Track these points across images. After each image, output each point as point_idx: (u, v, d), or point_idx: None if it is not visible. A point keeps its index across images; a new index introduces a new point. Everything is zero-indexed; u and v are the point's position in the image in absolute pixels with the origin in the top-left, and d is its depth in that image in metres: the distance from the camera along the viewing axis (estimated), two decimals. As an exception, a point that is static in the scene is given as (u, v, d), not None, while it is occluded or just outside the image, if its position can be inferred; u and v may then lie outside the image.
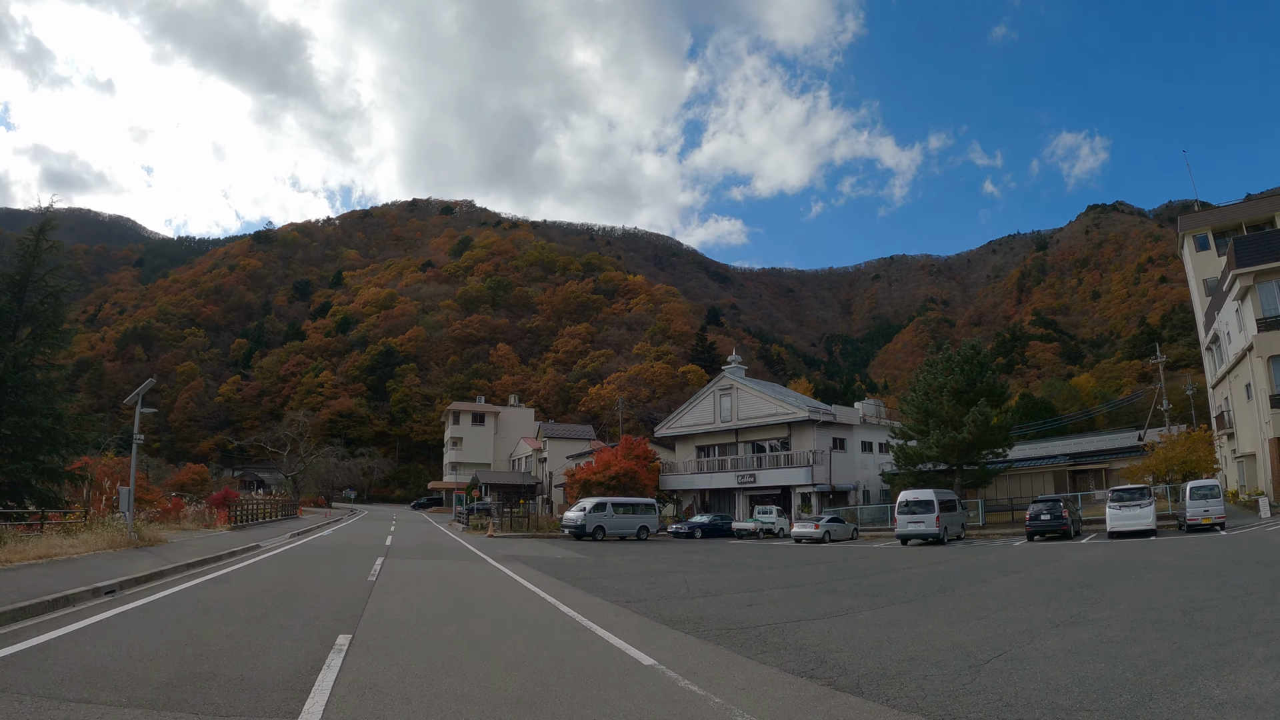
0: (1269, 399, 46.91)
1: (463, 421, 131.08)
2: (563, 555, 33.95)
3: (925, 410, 55.14)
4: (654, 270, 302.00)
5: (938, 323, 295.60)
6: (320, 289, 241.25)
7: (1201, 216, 73.06)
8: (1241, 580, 18.10)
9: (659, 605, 16.59)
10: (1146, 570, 21.61)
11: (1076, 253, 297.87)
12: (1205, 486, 38.49)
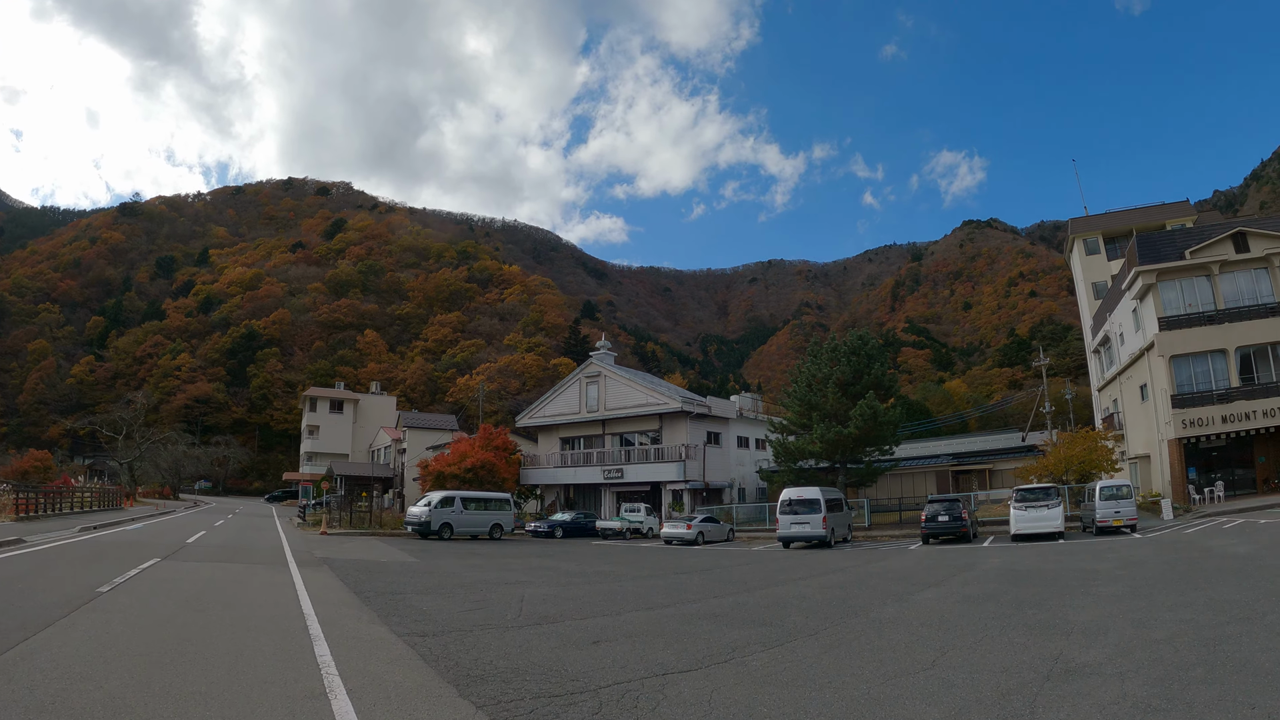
0: (1169, 399, 44.87)
1: (320, 409, 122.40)
2: (389, 558, 28.47)
3: (808, 403, 51.15)
4: (532, 264, 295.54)
5: (812, 327, 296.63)
6: (185, 267, 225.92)
7: (1092, 221, 71.86)
8: (1225, 594, 14.54)
9: (467, 642, 11.46)
10: (1090, 581, 17.94)
11: (950, 265, 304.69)
12: (1116, 486, 35.36)
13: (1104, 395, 63.41)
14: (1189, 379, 45.82)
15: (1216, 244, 47.10)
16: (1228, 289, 46.69)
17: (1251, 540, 24.92)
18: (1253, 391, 44.93)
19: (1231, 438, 46.69)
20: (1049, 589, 17.05)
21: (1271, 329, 45.51)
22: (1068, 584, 17.78)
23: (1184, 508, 41.92)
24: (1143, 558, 22.68)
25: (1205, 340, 45.69)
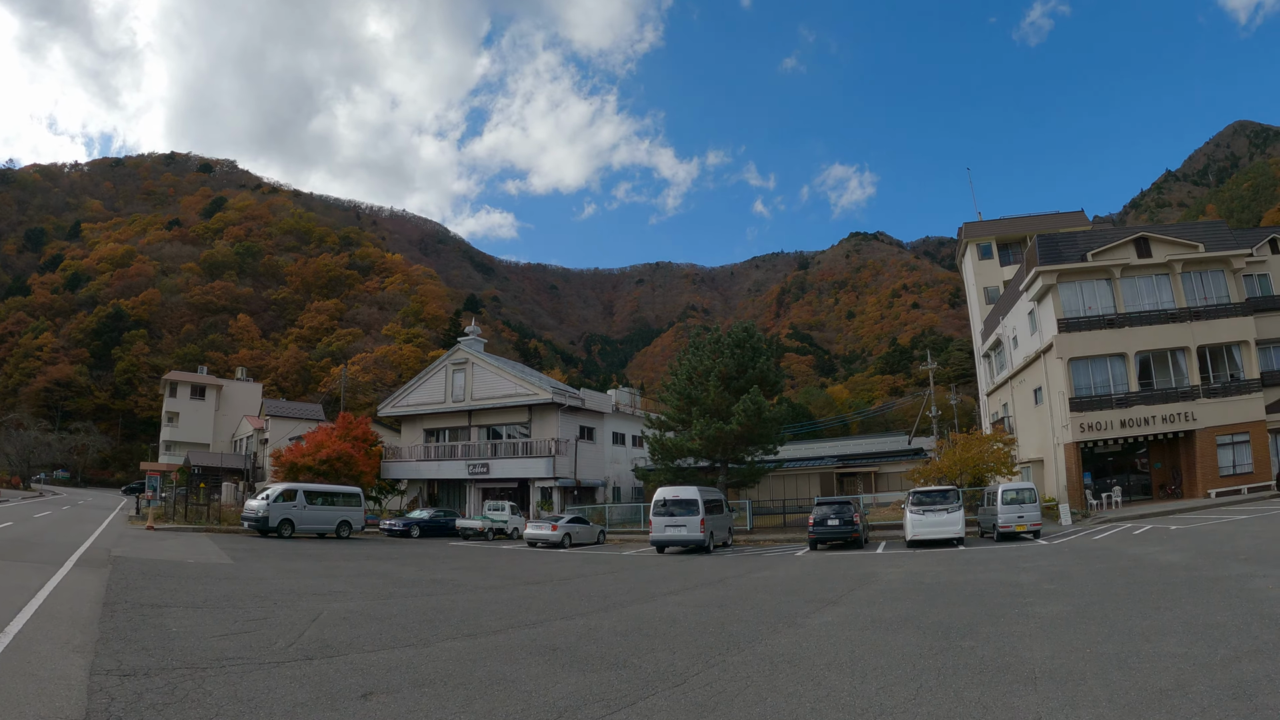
0: (1068, 402, 43.02)
1: (181, 395, 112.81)
2: (199, 559, 24.02)
3: (688, 397, 47.35)
4: (418, 255, 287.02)
5: (698, 330, 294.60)
6: (55, 240, 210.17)
7: (987, 226, 70.54)
8: (1201, 615, 11.74)
9: (180, 689, 7.78)
10: (1021, 598, 14.85)
11: (836, 274, 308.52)
12: (1019, 490, 32.68)
13: (993, 400, 61.94)
14: (1088, 382, 44.08)
15: (1119, 247, 45.59)
16: (1129, 293, 45.19)
17: (1175, 547, 22.39)
18: (1151, 397, 43.53)
19: (1127, 443, 45.46)
20: (975, 609, 13.84)
21: (1171, 335, 44.28)
22: (995, 603, 14.62)
23: (1082, 513, 39.97)
24: (1065, 568, 19.83)
25: (1105, 344, 44.00)
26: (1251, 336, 44.74)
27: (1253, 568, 16.95)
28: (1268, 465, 43.28)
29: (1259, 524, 27.61)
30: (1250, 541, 22.03)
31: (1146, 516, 36.63)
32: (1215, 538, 24.48)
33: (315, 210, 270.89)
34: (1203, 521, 31.37)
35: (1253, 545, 21.29)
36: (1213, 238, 47.12)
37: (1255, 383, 44.32)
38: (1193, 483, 43.36)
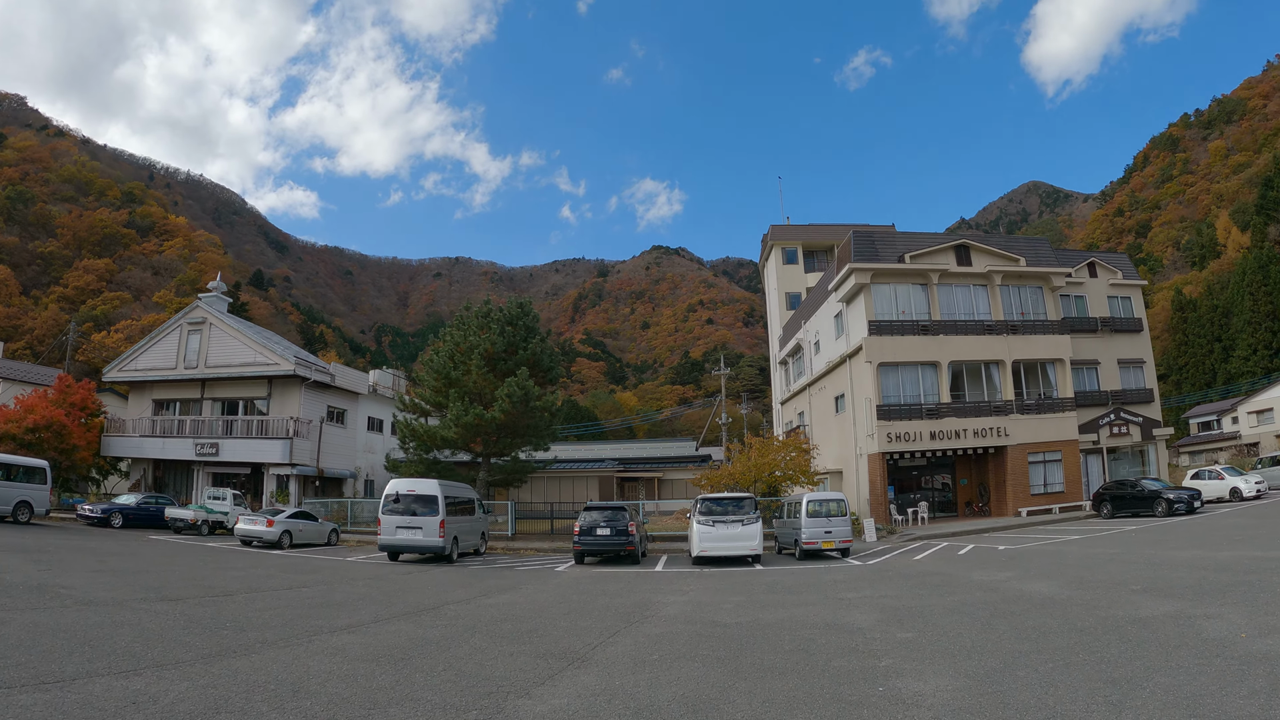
0: (875, 409, 38.61)
1: None
2: None
3: (447, 377, 40.29)
4: (210, 224, 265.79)
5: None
6: None
7: (794, 230, 66.81)
8: (1185, 691, 6.87)
9: None
10: (870, 658, 9.52)
11: (635, 285, 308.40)
12: (827, 501, 27.97)
13: (788, 409, 57.72)
14: (897, 391, 40.10)
15: (939, 253, 42.21)
16: (945, 301, 41.85)
17: (1029, 573, 17.75)
18: (964, 409, 40.19)
19: (933, 457, 42.09)
20: (809, 686, 8.26)
21: (987, 347, 41.30)
22: (837, 669, 9.06)
23: (887, 529, 35.95)
24: (909, 603, 14.71)
25: (918, 351, 40.22)
26: (1067, 355, 42.37)
27: (1170, 604, 12.20)
28: (1079, 485, 41.10)
29: (1100, 545, 23.78)
30: (1119, 568, 17.63)
31: (961, 534, 32.98)
32: (1066, 561, 20.18)
33: (103, 162, 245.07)
34: (1031, 541, 27.50)
35: (1126, 571, 16.84)
36: (1034, 254, 44.34)
37: (1069, 401, 41.85)
38: (1002, 500, 40.55)
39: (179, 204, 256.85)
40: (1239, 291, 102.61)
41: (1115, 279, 47.93)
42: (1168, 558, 18.81)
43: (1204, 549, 19.85)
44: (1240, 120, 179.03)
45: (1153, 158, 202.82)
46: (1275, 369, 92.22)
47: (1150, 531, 27.04)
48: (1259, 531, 23.07)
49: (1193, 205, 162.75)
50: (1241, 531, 23.42)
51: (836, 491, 32.73)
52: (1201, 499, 34.74)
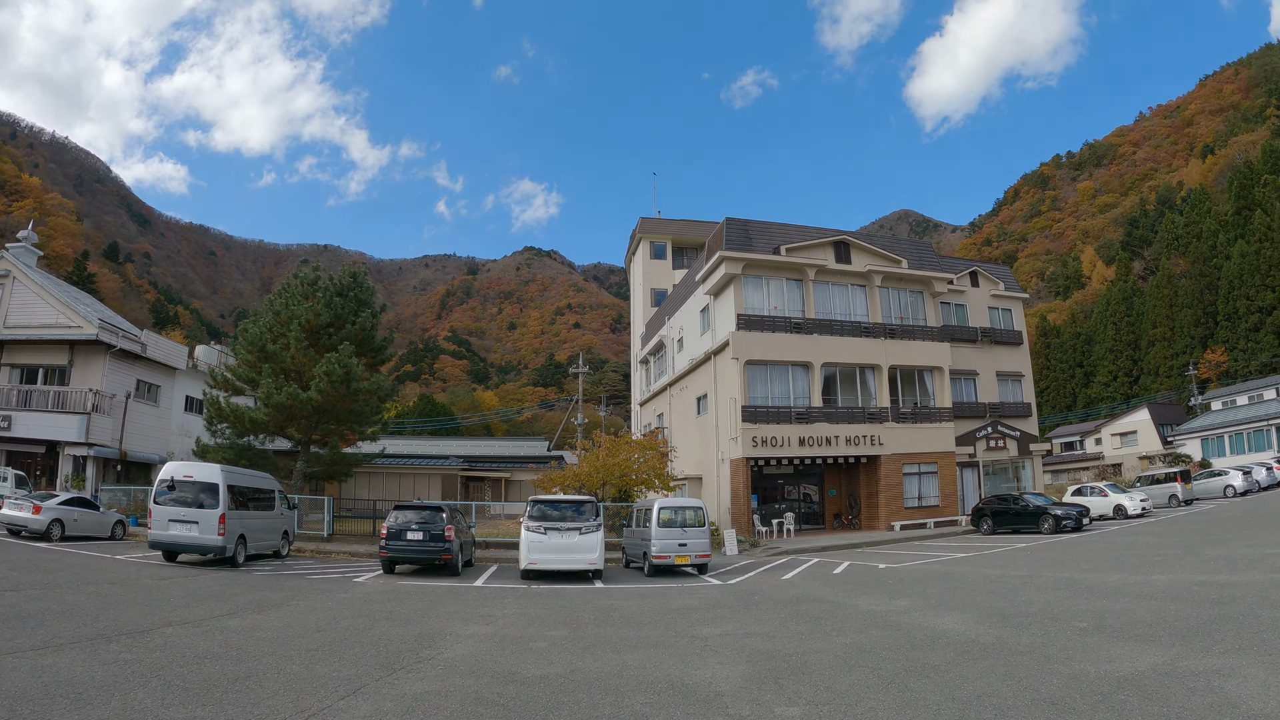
0: (740, 410, 34.99)
1: None
2: None
3: (263, 351, 34.57)
4: (70, 190, 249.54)
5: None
6: None
7: (666, 224, 63.26)
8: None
9: None
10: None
11: (504, 285, 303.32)
12: (683, 509, 23.94)
13: (647, 410, 53.85)
14: (765, 392, 36.57)
15: (817, 248, 39.05)
16: (821, 299, 38.78)
17: (929, 602, 14.28)
18: (835, 415, 36.97)
19: (800, 464, 38.95)
20: None
21: (864, 350, 38.32)
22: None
23: (750, 541, 32.36)
24: (782, 643, 11.02)
25: (790, 349, 36.80)
26: (946, 364, 39.86)
27: (1152, 651, 8.70)
28: (954, 499, 38.64)
29: (997, 565, 20.51)
30: (1040, 596, 14.31)
31: (832, 549, 29.77)
32: (966, 585, 16.74)
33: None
34: (913, 559, 24.32)
35: (1052, 601, 13.41)
36: (916, 257, 41.87)
37: (947, 411, 39.30)
38: (874, 513, 37.63)
39: (40, 166, 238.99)
40: (1102, 321, 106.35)
41: (997, 290, 45.72)
42: (1091, 582, 15.58)
43: (1125, 572, 16.76)
44: (1110, 164, 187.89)
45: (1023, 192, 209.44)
46: (1134, 395, 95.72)
47: (1045, 550, 24.13)
48: (1169, 550, 20.15)
49: (1059, 240, 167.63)
50: (1152, 551, 20.46)
51: (694, 498, 28.55)
52: (1090, 516, 32.29)
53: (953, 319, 43.33)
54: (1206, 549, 19.95)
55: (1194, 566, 16.62)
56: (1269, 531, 23.30)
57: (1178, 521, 31.62)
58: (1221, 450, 64.04)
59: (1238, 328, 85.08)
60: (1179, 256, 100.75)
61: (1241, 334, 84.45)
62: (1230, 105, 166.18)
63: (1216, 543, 21.35)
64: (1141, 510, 36.06)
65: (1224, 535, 23.52)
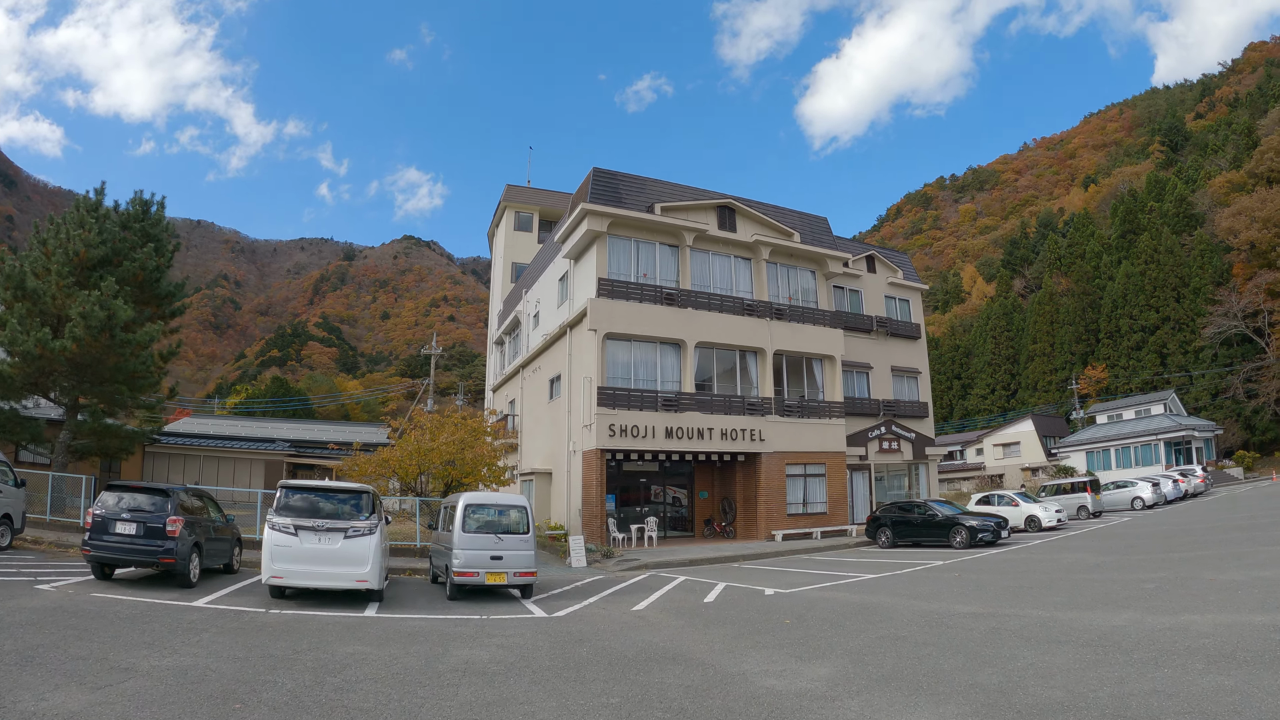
0: (596, 392, 28.85)
1: None
2: None
3: (21, 287, 26.53)
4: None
5: (224, 301, 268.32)
6: None
7: (534, 194, 56.61)
8: None
9: None
10: None
11: (380, 273, 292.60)
12: (501, 508, 17.65)
13: (500, 396, 47.35)
14: (628, 374, 30.39)
15: (698, 210, 33.14)
16: (699, 270, 32.90)
17: (869, 665, 8.45)
18: (711, 404, 31.05)
19: (669, 461, 32.98)
20: None
21: (746, 331, 32.54)
22: None
23: (603, 550, 26.28)
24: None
25: (659, 324, 30.67)
26: (839, 353, 34.55)
27: None
28: (844, 505, 33.46)
29: (926, 594, 14.88)
30: (1032, 655, 8.53)
31: (704, 563, 24.17)
32: (906, 634, 10.69)
33: None
34: (807, 580, 18.53)
35: (1077, 675, 7.62)
36: (810, 232, 36.49)
37: (838, 406, 33.97)
38: (753, 519, 32.08)
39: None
40: (982, 334, 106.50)
41: (895, 278, 40.85)
42: (1090, 627, 10.21)
43: (1125, 608, 11.23)
44: (992, 189, 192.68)
45: (905, 210, 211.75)
46: (1011, 408, 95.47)
47: (973, 571, 18.83)
48: (1139, 573, 14.87)
49: (939, 257, 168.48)
50: (1119, 573, 15.30)
51: (519, 496, 21.45)
52: (1008, 528, 27.14)
53: (846, 305, 38.26)
54: (1186, 570, 15.30)
55: (1214, 598, 11.26)
56: (1228, 546, 18.39)
57: (1103, 535, 27.15)
58: (1107, 463, 62.51)
59: (1119, 345, 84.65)
60: (1061, 275, 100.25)
61: (1123, 351, 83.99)
62: (1113, 142, 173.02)
63: (1185, 561, 16.71)
64: (1057, 522, 31.64)
65: (1177, 552, 19.01)
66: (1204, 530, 24.50)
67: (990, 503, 33.95)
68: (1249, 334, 72.30)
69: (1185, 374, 76.23)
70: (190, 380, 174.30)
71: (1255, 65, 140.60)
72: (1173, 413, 65.47)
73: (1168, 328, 79.57)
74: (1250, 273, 74.22)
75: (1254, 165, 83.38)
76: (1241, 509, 32.14)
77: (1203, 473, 47.69)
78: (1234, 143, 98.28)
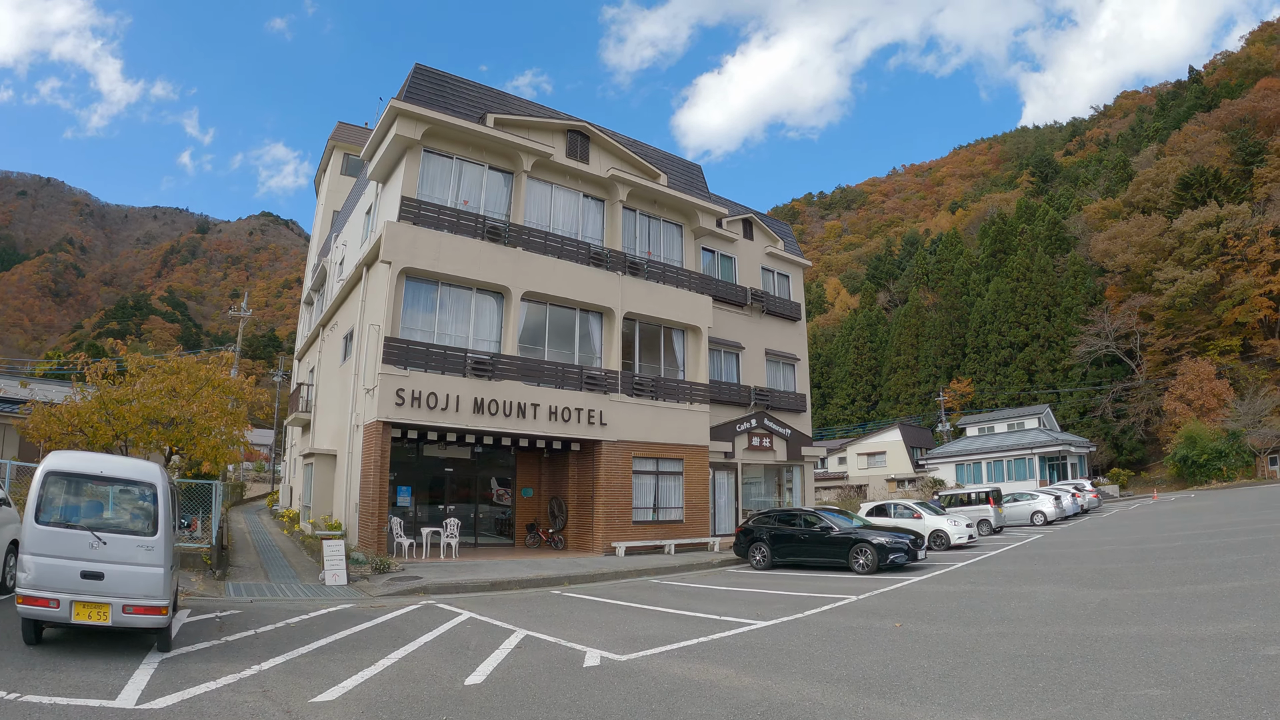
0: (383, 344, 20.87)
1: None
2: None
3: None
4: None
5: (66, 267, 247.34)
6: None
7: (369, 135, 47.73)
8: None
9: None
10: None
11: (234, 249, 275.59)
12: (118, 485, 9.44)
13: (304, 366, 38.82)
14: (429, 324, 22.33)
15: (543, 130, 25.17)
16: (537, 203, 25.06)
17: None
18: (539, 372, 23.43)
19: (482, 445, 25.16)
20: None
21: (591, 285, 25.05)
22: None
23: (378, 562, 18.34)
24: None
25: (479, 265, 22.69)
26: (706, 324, 27.44)
27: None
28: (706, 513, 26.36)
29: (873, 672, 7.49)
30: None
31: (507, 588, 16.78)
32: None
33: None
34: (657, 638, 10.50)
35: None
36: (681, 177, 29.30)
37: (702, 390, 26.88)
38: (588, 526, 24.56)
39: None
40: (844, 345, 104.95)
41: (775, 249, 34.06)
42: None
43: None
44: (859, 209, 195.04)
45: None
46: (870, 419, 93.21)
47: (918, 618, 11.40)
48: (1201, 618, 8.16)
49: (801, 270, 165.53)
50: (1149, 613, 8.46)
51: (148, 467, 11.47)
52: (923, 545, 20.28)
53: (716, 272, 31.12)
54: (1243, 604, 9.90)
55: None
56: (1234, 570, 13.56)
57: (1035, 556, 20.99)
58: (978, 476, 59.57)
59: (987, 360, 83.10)
60: (929, 290, 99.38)
61: (990, 367, 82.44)
62: (980, 173, 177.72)
63: (1214, 597, 10.20)
64: (969, 538, 25.33)
65: (1183, 582, 13.69)
66: (1160, 549, 18.26)
67: (886, 513, 27.26)
68: (1120, 355, 72.40)
69: (1053, 391, 75.38)
70: (23, 351, 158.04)
71: (1127, 111, 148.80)
72: (1047, 428, 63.11)
73: (1037, 345, 78.71)
74: (1123, 295, 75.12)
75: (1130, 195, 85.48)
76: (1157, 523, 28.22)
77: (1092, 489, 44.49)
78: (1106, 175, 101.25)
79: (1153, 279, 71.33)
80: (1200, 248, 69.54)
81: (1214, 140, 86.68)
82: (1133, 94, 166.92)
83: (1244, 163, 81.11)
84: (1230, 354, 67.36)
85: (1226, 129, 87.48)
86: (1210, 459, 55.81)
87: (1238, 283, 66.75)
